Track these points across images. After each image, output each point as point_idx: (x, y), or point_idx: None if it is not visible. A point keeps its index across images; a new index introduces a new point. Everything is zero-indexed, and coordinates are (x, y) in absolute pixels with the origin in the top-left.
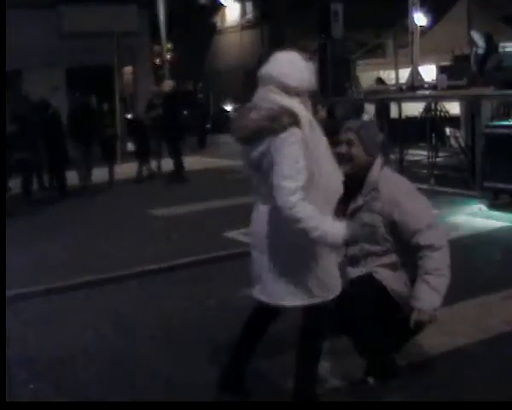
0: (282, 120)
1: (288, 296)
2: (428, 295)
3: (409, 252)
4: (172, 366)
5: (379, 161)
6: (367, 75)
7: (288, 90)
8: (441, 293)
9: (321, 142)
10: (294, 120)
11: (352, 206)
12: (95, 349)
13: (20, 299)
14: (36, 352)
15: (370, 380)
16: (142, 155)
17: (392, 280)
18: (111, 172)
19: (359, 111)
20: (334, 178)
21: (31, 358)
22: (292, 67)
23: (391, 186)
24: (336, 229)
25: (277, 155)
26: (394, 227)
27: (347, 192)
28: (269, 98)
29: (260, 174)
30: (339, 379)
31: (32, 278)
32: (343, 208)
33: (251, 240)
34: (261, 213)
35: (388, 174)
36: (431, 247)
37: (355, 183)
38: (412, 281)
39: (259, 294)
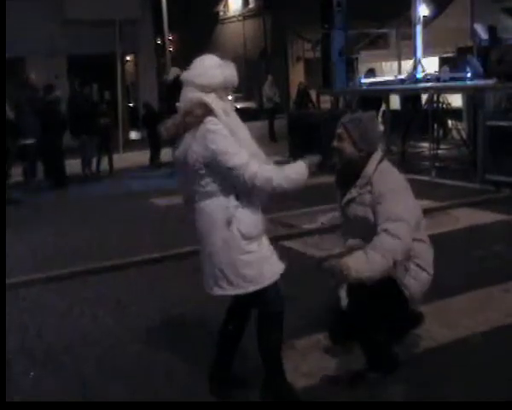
0: (195, 113)
1: (215, 287)
2: (359, 261)
3: None
4: (172, 355)
5: (376, 156)
6: (369, 66)
7: (203, 89)
8: (373, 269)
9: (240, 127)
10: (207, 111)
11: (347, 197)
12: (94, 338)
13: (19, 287)
14: (36, 340)
15: (370, 374)
16: (154, 143)
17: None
18: (110, 161)
19: (376, 103)
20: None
21: (30, 346)
22: (203, 67)
23: (382, 181)
24: (299, 167)
25: (210, 147)
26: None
27: (344, 184)
28: (187, 97)
29: (188, 173)
30: (338, 373)
31: (32, 266)
32: (339, 199)
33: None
34: (197, 210)
35: (384, 169)
36: (389, 232)
37: (350, 175)
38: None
39: (212, 289)
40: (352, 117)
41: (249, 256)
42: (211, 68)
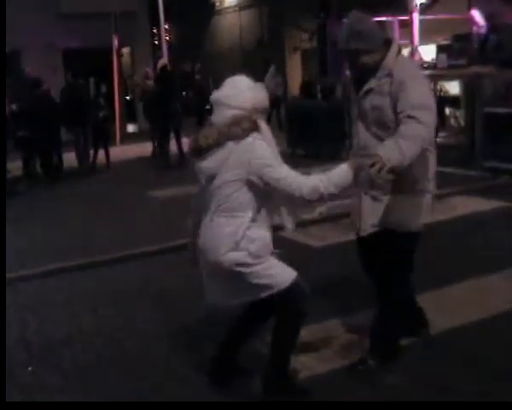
0: (243, 124)
1: (242, 296)
2: (391, 148)
3: None
4: (171, 348)
5: (394, 48)
6: None
7: (235, 108)
8: (405, 156)
9: (274, 148)
10: (254, 125)
11: (365, 88)
12: (94, 331)
13: (18, 281)
14: (35, 334)
15: (370, 361)
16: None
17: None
18: (107, 154)
19: None
20: None
21: (30, 340)
22: (234, 89)
23: (402, 69)
24: (341, 171)
25: (257, 160)
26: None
27: (362, 78)
28: (223, 114)
29: (213, 185)
30: (339, 360)
31: (31, 260)
32: (356, 92)
33: (201, 253)
34: (206, 225)
35: (404, 59)
36: (415, 118)
37: (369, 72)
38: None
39: (213, 298)
40: (345, 35)
41: (259, 267)
42: (242, 91)
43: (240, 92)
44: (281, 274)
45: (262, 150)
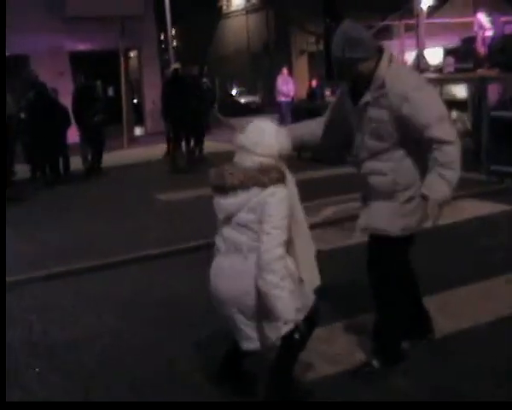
0: (272, 175)
1: (268, 337)
2: (439, 185)
3: (415, 146)
4: (175, 351)
5: (386, 56)
6: None
7: (262, 156)
8: (451, 185)
9: (295, 198)
10: (282, 177)
11: (362, 101)
12: (98, 333)
13: (23, 284)
14: (40, 336)
15: (374, 363)
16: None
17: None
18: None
19: None
20: (308, 238)
21: (35, 342)
22: (260, 135)
23: (399, 80)
24: (290, 309)
25: (268, 207)
26: (403, 122)
27: (356, 91)
28: (251, 159)
29: (231, 226)
30: (344, 362)
31: (35, 263)
32: (353, 105)
33: (216, 294)
34: (226, 266)
35: (396, 69)
36: (443, 141)
37: (363, 81)
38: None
39: (245, 344)
40: (339, 45)
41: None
42: (268, 137)
43: (266, 139)
44: (306, 303)
45: (279, 204)
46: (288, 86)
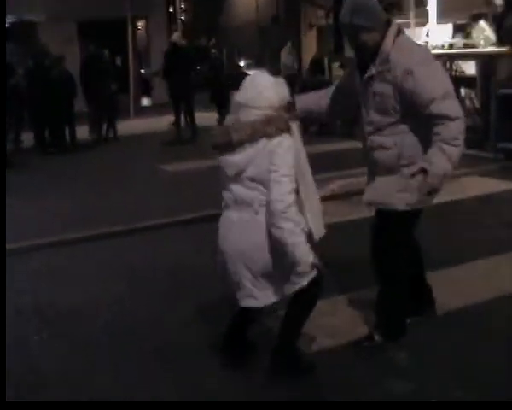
0: (278, 124)
1: (271, 296)
2: (440, 160)
3: (420, 121)
4: (181, 321)
5: (392, 30)
6: None
7: (260, 110)
8: (452, 160)
9: (301, 149)
10: (287, 126)
11: (367, 75)
12: (105, 302)
13: (30, 250)
14: (46, 303)
15: (376, 337)
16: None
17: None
18: (114, 127)
19: None
20: (315, 198)
21: (41, 308)
22: (256, 89)
23: (404, 55)
24: (308, 253)
25: (277, 156)
26: (406, 96)
27: (363, 64)
28: (255, 114)
29: (241, 181)
30: (345, 335)
31: (43, 230)
32: (359, 79)
33: (223, 247)
34: (236, 221)
35: (402, 43)
36: (447, 117)
37: (369, 54)
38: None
39: (244, 301)
40: (347, 11)
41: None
42: (265, 89)
43: (264, 91)
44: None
45: (286, 154)
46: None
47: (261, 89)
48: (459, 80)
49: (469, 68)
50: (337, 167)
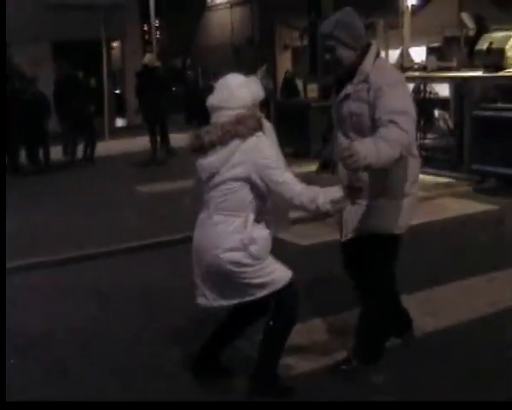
0: (249, 123)
1: (221, 299)
2: (368, 147)
3: None
4: (157, 343)
5: (372, 51)
6: None
7: (234, 111)
8: (380, 159)
9: (274, 142)
10: (259, 124)
11: (343, 93)
12: (78, 325)
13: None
14: (17, 326)
15: (354, 361)
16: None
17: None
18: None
19: None
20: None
21: (12, 331)
22: (229, 90)
23: (380, 76)
24: (335, 193)
25: (263, 160)
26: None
27: (340, 85)
28: (226, 114)
29: (213, 183)
30: (322, 359)
31: (15, 253)
32: (335, 97)
33: (195, 249)
34: (203, 223)
35: (381, 65)
36: (396, 124)
37: (348, 74)
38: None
39: (199, 299)
40: (331, 23)
41: (258, 266)
42: (237, 89)
43: (236, 91)
44: (278, 272)
45: (268, 151)
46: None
47: (233, 89)
48: (433, 102)
49: (443, 90)
50: None
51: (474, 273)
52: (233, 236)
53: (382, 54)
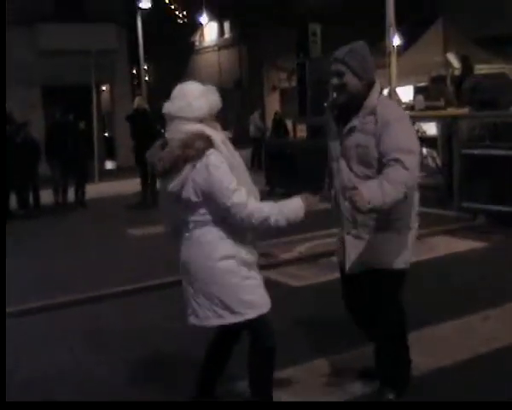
0: (196, 146)
1: (213, 317)
2: (374, 191)
3: None
4: (147, 387)
5: (377, 87)
6: None
7: (189, 121)
8: (386, 201)
9: (236, 157)
10: (208, 143)
11: (348, 126)
12: (70, 369)
13: None
14: (10, 371)
15: (390, 395)
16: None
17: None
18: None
19: None
20: (254, 190)
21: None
22: (185, 98)
23: (387, 109)
24: (295, 204)
25: (212, 180)
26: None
27: (343, 117)
28: (181, 129)
29: (181, 204)
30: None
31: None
32: (339, 130)
33: (180, 270)
34: (185, 241)
35: (386, 100)
36: (402, 163)
37: (352, 108)
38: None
39: (190, 318)
40: (345, 49)
41: (251, 281)
42: (195, 99)
43: (193, 101)
44: (264, 297)
45: (217, 171)
46: None
47: (190, 99)
48: (421, 140)
49: (430, 129)
50: (303, 230)
51: (467, 312)
52: (216, 248)
53: None
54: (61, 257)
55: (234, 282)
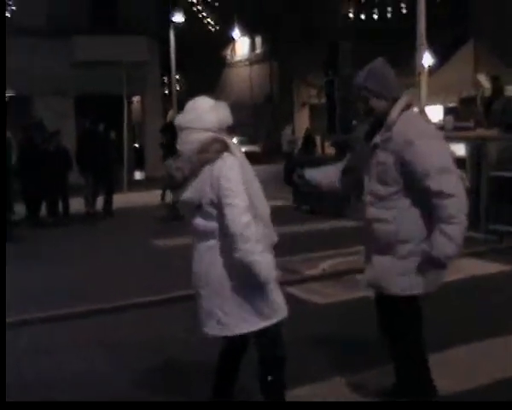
0: (213, 148)
1: (242, 324)
2: (439, 242)
3: (422, 195)
4: (169, 398)
5: (401, 102)
6: None
7: (199, 130)
8: (455, 240)
9: (248, 169)
10: (225, 146)
11: (372, 143)
12: (89, 379)
13: (18, 326)
14: (31, 380)
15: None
16: None
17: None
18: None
19: None
20: (265, 205)
21: (26, 385)
22: (196, 111)
23: (407, 126)
24: (271, 269)
25: (222, 180)
26: (406, 168)
27: (372, 132)
28: (188, 139)
29: (202, 212)
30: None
31: (30, 305)
32: (366, 147)
33: (195, 280)
34: (202, 251)
35: (408, 116)
36: (440, 193)
37: (377, 124)
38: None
39: (214, 330)
40: (364, 73)
41: (273, 285)
42: (205, 112)
43: (203, 114)
44: (282, 304)
45: (229, 172)
46: None
47: (200, 112)
48: None
49: (459, 149)
50: (328, 247)
51: (490, 336)
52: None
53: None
54: (84, 265)
55: (251, 292)
